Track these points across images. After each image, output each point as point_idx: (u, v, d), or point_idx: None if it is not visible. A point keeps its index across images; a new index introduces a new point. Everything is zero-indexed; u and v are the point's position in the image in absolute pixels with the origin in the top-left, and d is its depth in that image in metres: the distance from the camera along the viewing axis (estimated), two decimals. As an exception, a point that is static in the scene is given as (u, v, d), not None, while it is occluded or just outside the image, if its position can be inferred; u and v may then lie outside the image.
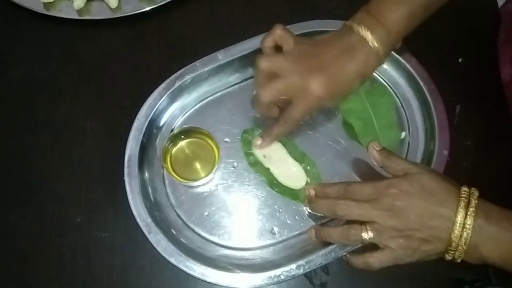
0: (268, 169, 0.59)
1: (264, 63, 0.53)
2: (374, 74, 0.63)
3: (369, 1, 0.55)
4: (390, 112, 0.62)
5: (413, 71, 0.62)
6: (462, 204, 0.46)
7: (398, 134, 0.61)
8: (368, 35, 0.52)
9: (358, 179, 0.60)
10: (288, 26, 0.62)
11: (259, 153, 0.59)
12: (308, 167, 0.59)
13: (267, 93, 0.52)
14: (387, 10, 0.53)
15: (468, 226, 0.46)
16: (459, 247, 0.46)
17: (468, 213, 0.46)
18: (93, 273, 0.57)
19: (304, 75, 0.51)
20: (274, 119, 0.56)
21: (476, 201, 0.47)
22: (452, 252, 0.47)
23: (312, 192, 0.55)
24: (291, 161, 0.59)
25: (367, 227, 0.48)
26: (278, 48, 0.55)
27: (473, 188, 0.48)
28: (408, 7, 0.53)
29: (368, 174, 0.60)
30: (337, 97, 0.54)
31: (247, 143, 0.60)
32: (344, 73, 0.52)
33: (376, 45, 0.52)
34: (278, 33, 0.54)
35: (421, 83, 0.61)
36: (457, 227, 0.46)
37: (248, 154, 0.60)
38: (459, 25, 0.67)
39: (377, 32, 0.52)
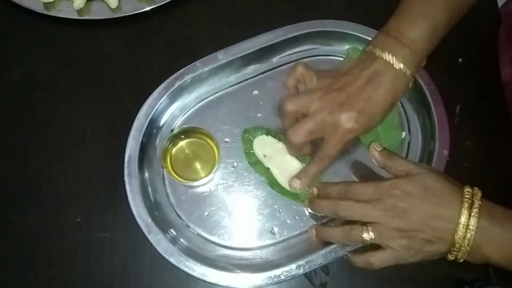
0: (268, 169, 0.59)
1: (290, 106, 0.52)
2: None
3: (387, 22, 0.53)
4: (393, 112, 0.61)
5: (413, 71, 0.62)
6: (466, 205, 0.46)
7: (399, 135, 0.61)
8: (392, 59, 0.50)
9: (358, 179, 0.60)
10: (288, 26, 0.62)
11: (259, 152, 0.59)
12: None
13: (297, 135, 0.51)
14: (407, 30, 0.51)
15: (471, 227, 0.45)
16: (462, 248, 0.46)
17: (472, 214, 0.46)
18: (93, 273, 0.57)
19: (332, 111, 0.50)
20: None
21: (480, 202, 0.46)
22: (455, 253, 0.47)
23: (315, 191, 0.55)
24: (294, 163, 0.58)
25: (369, 227, 0.48)
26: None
27: (475, 188, 0.48)
28: (429, 24, 0.51)
29: (368, 174, 0.60)
30: (370, 128, 0.52)
31: (248, 143, 0.60)
32: (373, 102, 0.50)
33: (402, 66, 0.50)
34: (300, 71, 0.54)
35: (421, 83, 0.61)
36: (461, 228, 0.46)
37: (249, 154, 0.60)
38: (459, 25, 0.67)
39: (401, 53, 0.50)
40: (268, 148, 0.59)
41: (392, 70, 0.50)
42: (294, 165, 0.58)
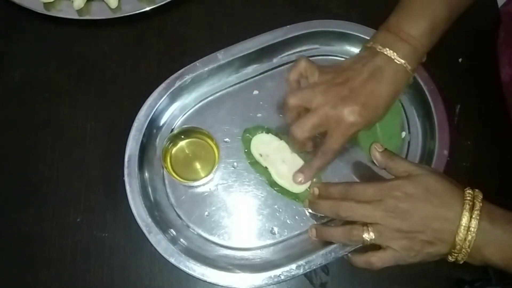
0: (266, 168, 0.59)
1: (293, 100, 0.52)
2: None
3: (387, 18, 0.54)
4: (396, 119, 0.61)
5: (413, 71, 0.62)
6: (467, 207, 0.46)
7: (399, 142, 0.61)
8: (393, 54, 0.51)
9: (358, 179, 0.60)
10: (288, 26, 0.62)
11: (255, 151, 0.59)
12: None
13: (301, 130, 0.51)
14: (407, 26, 0.52)
15: (472, 229, 0.45)
16: (463, 250, 0.46)
17: (473, 216, 0.46)
18: (93, 273, 0.57)
19: (335, 105, 0.50)
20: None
21: (481, 204, 0.46)
22: (455, 254, 0.47)
23: (316, 191, 0.55)
24: (289, 161, 0.58)
25: (369, 228, 0.48)
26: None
27: (476, 190, 0.48)
28: (428, 21, 0.52)
29: (368, 174, 0.60)
30: (373, 122, 0.53)
31: (247, 142, 0.60)
32: (376, 96, 0.51)
33: (403, 62, 0.51)
34: (303, 65, 0.54)
35: (421, 83, 0.61)
36: (462, 230, 0.46)
37: (249, 153, 0.60)
38: (459, 25, 0.67)
39: (402, 50, 0.51)
40: (264, 147, 0.59)
41: (394, 65, 0.51)
42: (290, 163, 0.58)
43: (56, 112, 0.63)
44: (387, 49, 0.51)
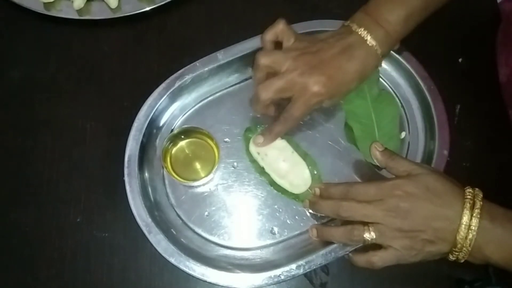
0: (263, 168, 0.59)
1: (264, 59, 0.53)
2: (383, 82, 0.64)
3: (367, 2, 0.55)
4: (393, 122, 0.61)
5: (413, 71, 0.62)
6: (468, 205, 0.46)
7: (397, 145, 0.61)
8: (366, 35, 0.52)
9: (358, 179, 0.60)
10: (288, 26, 0.62)
11: (253, 149, 0.59)
12: (309, 167, 0.59)
13: (266, 91, 0.52)
14: (385, 11, 0.53)
15: (473, 228, 0.46)
16: (464, 248, 0.46)
17: (474, 214, 0.46)
18: (93, 273, 0.57)
19: (303, 73, 0.51)
20: (274, 118, 0.56)
21: (481, 203, 0.46)
22: (456, 253, 0.47)
23: (317, 191, 0.55)
24: (286, 162, 0.58)
25: (370, 227, 0.48)
26: (277, 45, 0.55)
27: (476, 189, 0.48)
28: (405, 8, 0.53)
29: (369, 174, 0.60)
30: (336, 96, 0.54)
31: (248, 141, 0.60)
32: (343, 71, 0.52)
33: (374, 44, 0.52)
34: (281, 27, 0.54)
35: (421, 83, 0.61)
36: (463, 229, 0.46)
37: (249, 152, 0.60)
38: (459, 25, 0.67)
39: (375, 32, 0.53)
40: (265, 147, 0.59)
41: (365, 46, 0.53)
42: (290, 163, 0.58)
43: (56, 112, 0.63)
44: (362, 29, 0.53)
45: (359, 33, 0.53)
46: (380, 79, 0.64)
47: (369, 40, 0.52)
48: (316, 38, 0.55)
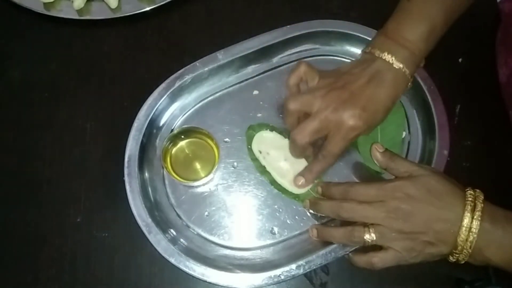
0: (265, 166, 0.59)
1: (293, 104, 0.52)
2: None
3: (384, 23, 0.54)
4: (398, 129, 0.61)
5: (413, 71, 0.62)
6: (469, 207, 0.46)
7: (398, 152, 0.60)
8: (391, 59, 0.51)
9: (359, 179, 0.60)
10: (288, 26, 0.62)
11: (255, 147, 0.59)
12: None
13: (302, 135, 0.51)
14: (405, 31, 0.52)
15: (474, 230, 0.45)
16: (464, 250, 0.46)
17: (475, 216, 0.46)
18: (93, 273, 0.57)
19: (336, 109, 0.50)
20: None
21: (482, 205, 0.46)
22: (456, 255, 0.47)
23: (319, 190, 0.55)
24: (286, 162, 0.58)
25: (370, 229, 0.48)
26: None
27: (477, 190, 0.48)
28: (426, 25, 0.52)
29: (369, 174, 0.60)
30: (373, 125, 0.53)
31: (251, 139, 0.60)
32: (376, 100, 0.51)
33: (401, 66, 0.51)
34: (303, 70, 0.53)
35: (421, 83, 0.61)
36: (463, 231, 0.46)
37: (251, 150, 0.60)
38: (459, 25, 0.67)
39: (400, 54, 0.51)
40: (264, 145, 0.59)
41: (393, 69, 0.51)
42: (292, 162, 0.58)
43: (56, 112, 0.63)
44: (386, 53, 0.51)
45: (384, 58, 0.51)
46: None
47: (395, 63, 0.51)
48: (340, 71, 0.53)
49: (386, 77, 0.51)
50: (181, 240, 0.57)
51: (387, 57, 0.51)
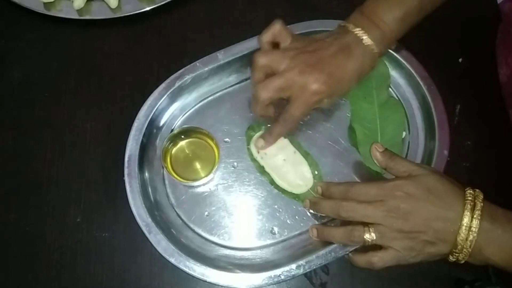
0: (263, 167, 0.59)
1: (262, 59, 0.53)
2: (391, 91, 0.63)
3: (364, 2, 0.55)
4: (398, 129, 0.61)
5: (413, 71, 0.62)
6: (468, 207, 0.46)
7: (398, 153, 0.61)
8: (363, 35, 0.53)
9: (358, 179, 0.60)
10: (288, 26, 0.62)
11: (253, 148, 0.59)
12: (311, 167, 0.59)
13: (265, 90, 0.52)
14: (380, 11, 0.54)
15: (474, 229, 0.46)
16: (464, 250, 0.46)
17: (474, 216, 0.46)
18: (93, 273, 0.57)
19: (302, 71, 0.51)
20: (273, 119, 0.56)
21: (482, 204, 0.46)
22: (456, 254, 0.47)
23: (319, 190, 0.55)
24: (285, 162, 0.58)
25: (370, 228, 0.48)
26: (275, 46, 0.55)
27: (477, 190, 0.48)
28: (401, 9, 0.54)
29: (368, 174, 0.60)
30: (335, 95, 0.54)
31: (250, 138, 0.60)
32: (342, 69, 0.52)
33: (370, 44, 0.53)
34: (278, 28, 0.54)
35: (421, 83, 0.61)
36: (463, 230, 0.46)
37: (250, 150, 0.60)
38: (459, 25, 0.67)
39: (371, 32, 0.53)
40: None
41: (362, 45, 0.53)
42: (291, 162, 0.58)
43: (56, 112, 0.63)
44: (358, 29, 0.53)
45: (356, 33, 0.53)
46: (395, 95, 0.64)
47: (366, 39, 0.53)
48: (313, 38, 0.55)
49: (355, 51, 0.53)
50: (181, 240, 0.57)
51: (359, 33, 0.53)
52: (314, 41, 0.54)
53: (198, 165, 0.58)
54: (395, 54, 0.61)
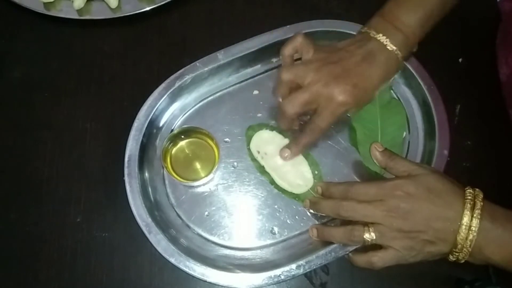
0: (263, 167, 0.59)
1: (286, 74, 0.52)
2: (392, 93, 0.63)
3: (383, 5, 0.55)
4: (399, 131, 0.61)
5: (413, 71, 0.61)
6: (468, 206, 0.46)
7: (399, 153, 0.60)
8: (386, 41, 0.52)
9: (358, 179, 0.60)
10: (288, 26, 0.62)
11: (253, 148, 0.59)
12: (311, 167, 0.59)
13: (291, 106, 0.52)
14: (401, 14, 0.53)
15: (474, 228, 0.46)
16: (464, 249, 0.46)
17: (474, 215, 0.46)
18: (93, 273, 0.57)
19: (328, 83, 0.51)
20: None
21: (481, 203, 0.46)
22: (456, 254, 0.47)
23: (320, 190, 0.55)
24: (291, 161, 0.58)
25: (370, 228, 0.48)
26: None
27: (477, 189, 0.48)
28: (422, 10, 0.53)
29: (369, 174, 0.60)
30: (361, 103, 0.54)
31: (251, 139, 0.60)
32: (367, 79, 0.52)
33: (394, 49, 0.52)
34: (300, 41, 0.54)
35: (421, 83, 0.61)
36: (463, 229, 0.46)
37: (250, 150, 0.60)
38: (459, 25, 0.67)
39: (394, 37, 0.53)
40: (263, 145, 0.59)
41: (386, 51, 0.53)
42: (291, 162, 0.58)
43: (56, 112, 0.63)
44: (381, 35, 0.53)
45: (378, 38, 0.53)
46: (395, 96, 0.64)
47: (389, 45, 0.52)
48: (335, 47, 0.54)
49: (379, 57, 0.52)
50: (181, 240, 0.57)
51: (382, 38, 0.52)
52: (337, 50, 0.54)
53: (198, 165, 0.58)
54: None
